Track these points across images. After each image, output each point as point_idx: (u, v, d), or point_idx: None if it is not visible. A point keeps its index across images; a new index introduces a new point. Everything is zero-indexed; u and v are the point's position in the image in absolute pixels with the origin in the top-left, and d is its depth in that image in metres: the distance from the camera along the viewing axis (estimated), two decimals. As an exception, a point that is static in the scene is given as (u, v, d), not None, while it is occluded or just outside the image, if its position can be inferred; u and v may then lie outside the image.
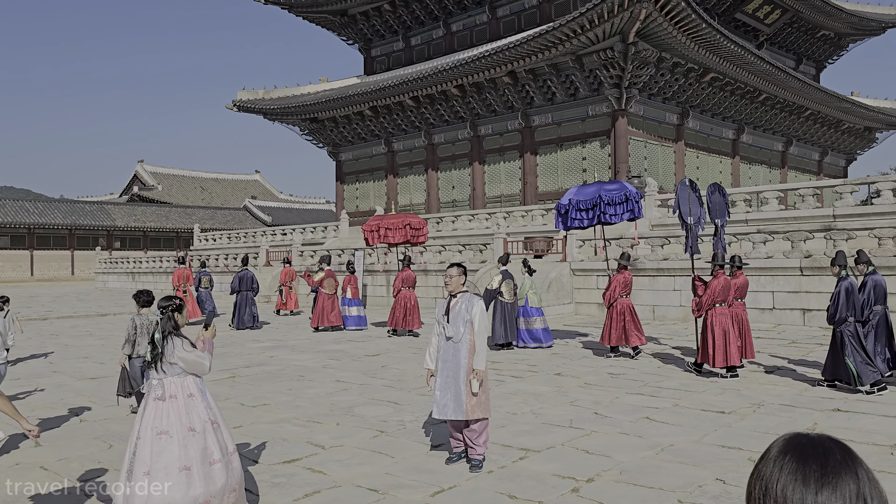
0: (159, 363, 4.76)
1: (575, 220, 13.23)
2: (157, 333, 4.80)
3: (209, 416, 4.84)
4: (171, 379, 4.77)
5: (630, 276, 12.93)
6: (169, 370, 4.76)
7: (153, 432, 4.80)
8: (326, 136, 41.77)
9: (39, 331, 18.18)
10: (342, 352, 12.95)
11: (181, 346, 4.70)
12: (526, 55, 28.96)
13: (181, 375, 4.77)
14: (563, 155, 31.48)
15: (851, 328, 8.60)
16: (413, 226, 18.23)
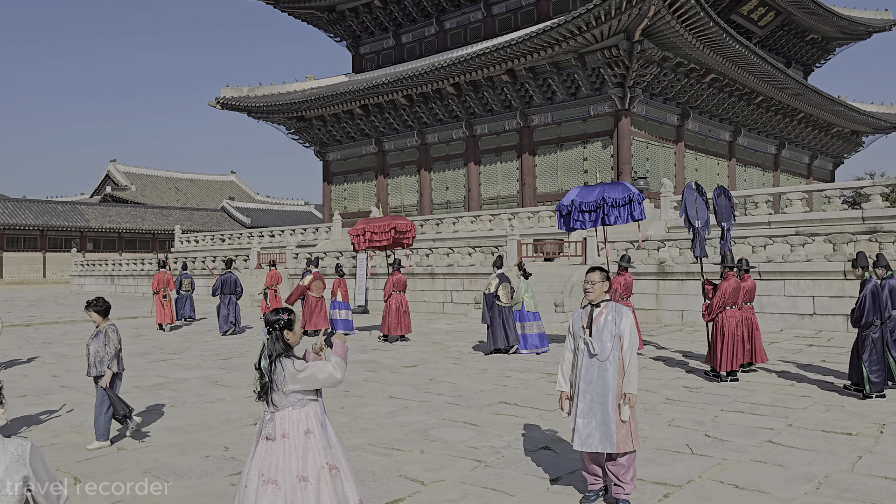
0: (270, 394, 3.82)
1: (577, 221, 12.94)
2: (262, 359, 3.85)
3: (327, 460, 3.91)
4: (285, 413, 3.83)
5: (631, 278, 12.63)
6: (281, 402, 3.82)
7: (259, 479, 3.87)
8: (313, 135, 40.61)
9: (28, 338, 16.88)
10: (373, 362, 11.98)
11: (294, 368, 3.76)
12: (527, 53, 28.21)
13: (297, 407, 3.83)
14: (564, 155, 30.78)
15: (877, 333, 8.60)
16: (399, 229, 17.52)
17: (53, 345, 15.53)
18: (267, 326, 3.87)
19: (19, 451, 2.57)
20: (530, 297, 13.14)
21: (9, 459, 2.54)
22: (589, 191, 13.04)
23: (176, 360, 12.61)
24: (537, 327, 12.95)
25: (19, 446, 2.58)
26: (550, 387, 9.36)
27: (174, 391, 9.57)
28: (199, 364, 12.06)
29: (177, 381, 10.38)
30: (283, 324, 3.87)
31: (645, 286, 17.67)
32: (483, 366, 11.44)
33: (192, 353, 13.60)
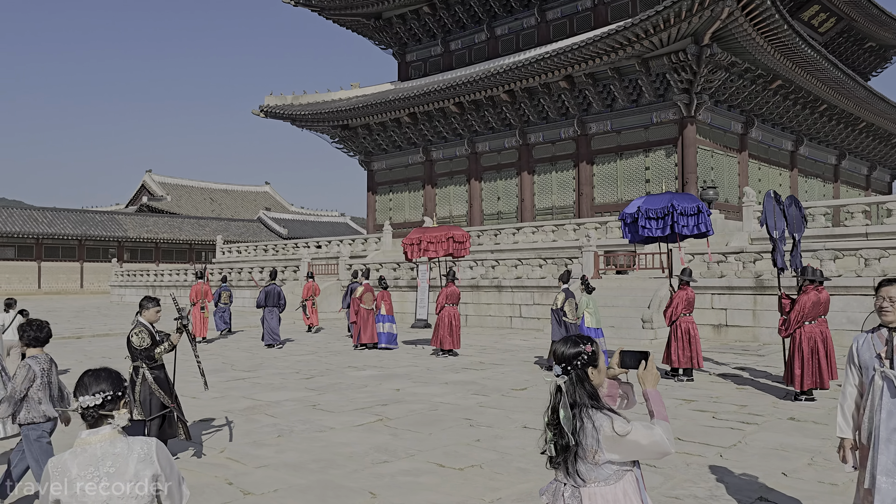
0: (573, 463, 2.70)
1: (645, 228, 12.52)
2: (561, 408, 2.72)
3: None
4: (594, 491, 2.69)
5: (693, 293, 11.92)
6: (590, 474, 2.68)
7: None
8: (358, 144, 39.80)
9: (84, 352, 16.03)
10: (474, 383, 10.86)
11: (613, 429, 2.62)
12: (588, 58, 27.12)
13: (611, 482, 2.69)
14: (624, 164, 29.57)
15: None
16: (456, 239, 16.90)
17: (114, 359, 14.62)
18: (562, 363, 2.75)
19: (146, 449, 2.58)
20: (591, 313, 12.60)
21: (136, 459, 2.55)
22: (656, 198, 12.66)
23: (255, 379, 11.60)
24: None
25: (145, 444, 2.60)
26: (700, 416, 8.19)
27: (272, 416, 8.52)
28: (282, 384, 11.03)
29: (268, 403, 9.35)
30: (586, 358, 2.75)
31: (740, 301, 16.40)
32: (599, 389, 10.27)
33: (269, 371, 12.59)
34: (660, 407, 2.76)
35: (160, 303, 6.71)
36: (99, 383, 2.62)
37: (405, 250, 17.19)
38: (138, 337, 6.43)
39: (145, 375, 6.50)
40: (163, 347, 6.54)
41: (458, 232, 16.88)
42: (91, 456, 2.53)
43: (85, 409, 2.58)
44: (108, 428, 2.59)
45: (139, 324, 6.54)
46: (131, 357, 6.53)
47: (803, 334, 9.40)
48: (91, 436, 2.57)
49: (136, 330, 6.48)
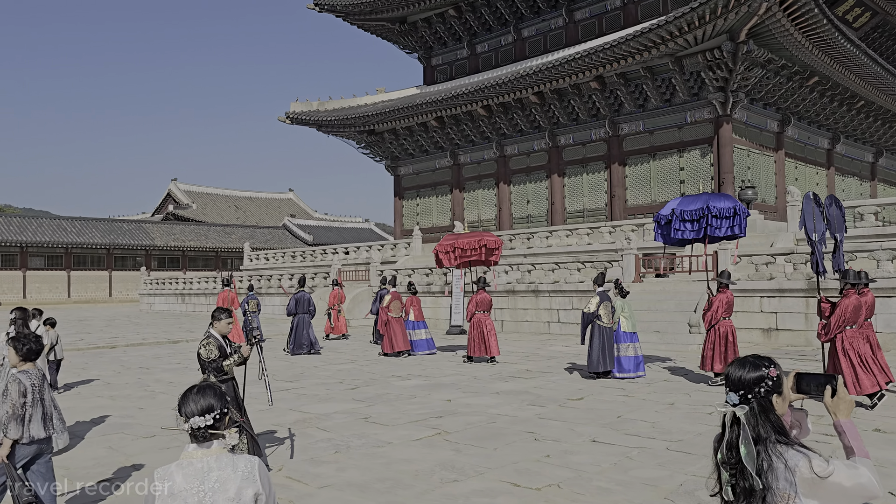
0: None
1: (679, 231, 12.28)
2: (742, 445, 2.28)
3: None
4: None
5: (732, 296, 11.68)
6: None
7: None
8: (385, 149, 39.58)
9: (121, 363, 15.84)
10: (527, 392, 10.45)
11: (812, 469, 2.20)
12: (620, 57, 26.62)
13: None
14: (657, 165, 29.02)
15: None
16: (489, 246, 16.51)
17: (152, 370, 14.41)
18: (740, 390, 2.33)
19: (249, 467, 2.62)
20: (627, 317, 12.37)
21: (240, 477, 2.58)
22: (691, 200, 12.37)
23: (299, 390, 11.29)
24: (633, 349, 12.11)
25: (248, 462, 2.64)
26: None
27: (324, 430, 8.19)
28: (328, 395, 10.71)
29: (318, 416, 9.02)
30: (770, 384, 2.33)
31: (791, 304, 15.83)
32: (663, 397, 9.82)
33: (311, 381, 12.28)
34: (858, 441, 2.34)
35: (232, 314, 6.39)
36: (206, 401, 2.66)
37: (438, 258, 16.94)
38: (206, 349, 6.14)
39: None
40: (232, 360, 6.25)
41: (491, 238, 16.65)
42: (197, 470, 2.57)
43: (196, 430, 2.63)
44: (216, 444, 2.65)
45: (210, 336, 6.25)
46: (200, 369, 6.24)
47: (844, 339, 9.15)
48: (198, 450, 2.62)
49: (205, 341, 6.19)
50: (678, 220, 12.23)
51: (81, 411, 9.85)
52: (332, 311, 21.67)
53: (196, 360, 6.43)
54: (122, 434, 8.32)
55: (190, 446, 2.64)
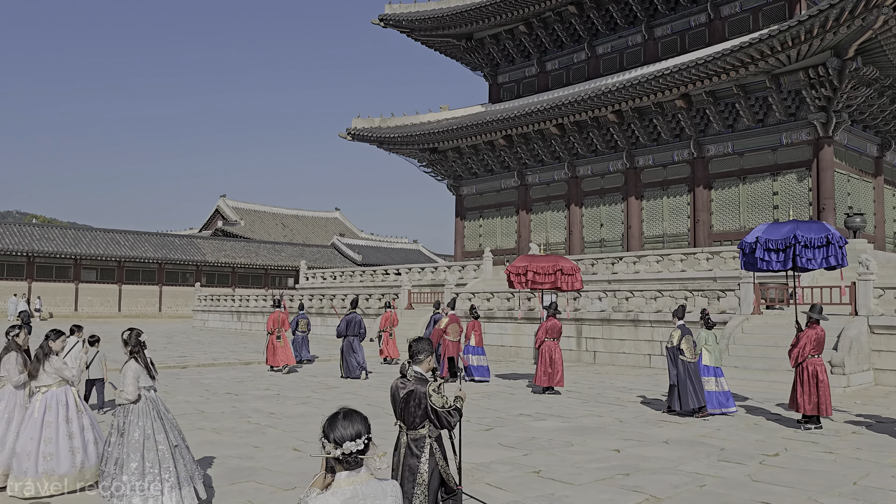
0: None
1: (763, 261, 11.47)
2: None
3: None
4: None
5: (823, 332, 10.77)
6: None
7: None
8: (448, 167, 38.44)
9: (202, 385, 14.65)
10: (703, 444, 8.93)
11: None
12: (712, 75, 25.13)
13: None
14: (747, 189, 27.33)
15: None
16: (565, 271, 15.52)
17: (243, 397, 13.18)
18: None
19: (396, 492, 2.65)
20: (710, 350, 11.81)
21: (390, 502, 2.61)
22: (777, 228, 11.61)
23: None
24: (715, 384, 11.55)
25: (394, 487, 2.67)
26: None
27: (499, 488, 6.80)
28: (467, 438, 9.23)
29: (475, 467, 7.62)
30: None
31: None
32: (875, 455, 8.24)
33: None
34: None
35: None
36: (356, 427, 2.64)
37: (511, 280, 15.98)
38: (441, 395, 4.81)
39: (433, 448, 4.86)
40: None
41: (567, 264, 15.68)
42: (352, 497, 2.56)
43: (349, 455, 2.61)
44: (365, 470, 2.65)
45: (432, 378, 4.93)
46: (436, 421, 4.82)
47: None
48: (349, 477, 2.62)
49: (435, 387, 4.85)
50: (762, 248, 11.40)
51: (190, 447, 8.58)
52: (383, 333, 21.03)
53: (277, 384, 5.06)
54: (254, 483, 7.02)
55: (341, 474, 2.62)
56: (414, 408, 4.79)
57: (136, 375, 6.11)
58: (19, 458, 6.55)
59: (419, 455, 4.79)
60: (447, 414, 4.76)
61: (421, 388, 4.79)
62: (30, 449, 6.56)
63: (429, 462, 4.80)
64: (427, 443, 4.83)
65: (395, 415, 4.94)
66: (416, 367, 4.94)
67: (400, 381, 4.92)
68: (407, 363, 4.96)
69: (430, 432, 4.84)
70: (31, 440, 6.60)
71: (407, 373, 4.90)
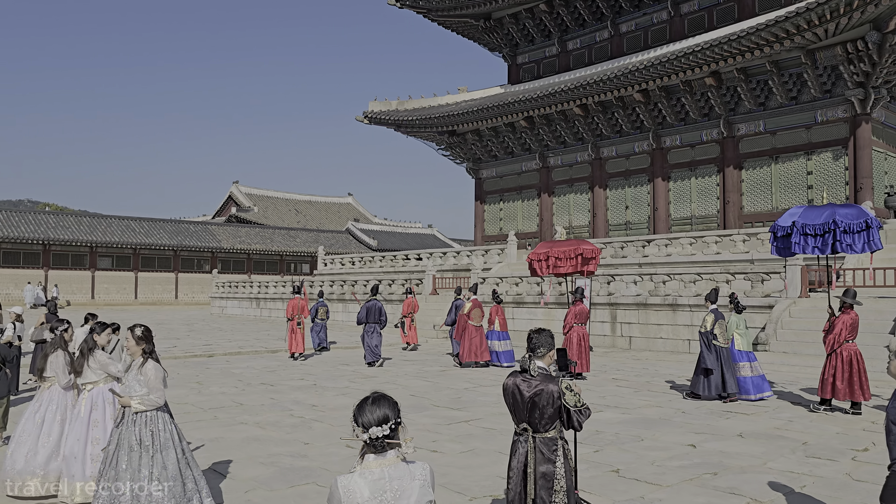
0: None
1: (799, 245, 11.18)
2: None
3: None
4: None
5: (857, 316, 10.63)
6: None
7: None
8: (467, 150, 37.80)
9: (234, 375, 14.20)
10: (779, 437, 8.39)
11: None
12: (744, 51, 24.29)
13: None
14: (780, 169, 26.60)
15: None
16: (585, 255, 15.21)
17: (279, 388, 12.72)
18: None
19: (423, 474, 2.70)
20: (741, 335, 11.65)
21: (418, 485, 2.65)
22: (815, 212, 11.28)
23: (477, 421, 9.43)
24: (749, 369, 11.35)
25: (423, 469, 2.71)
26: None
27: (585, 491, 6.27)
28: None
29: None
30: None
31: None
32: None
33: (482, 410, 10.41)
34: None
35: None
36: (382, 412, 2.69)
37: (533, 266, 15.74)
38: (574, 394, 4.30)
39: (566, 450, 4.39)
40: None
41: (588, 247, 15.29)
42: (378, 479, 2.61)
43: (375, 439, 2.66)
44: (392, 454, 2.68)
45: (559, 375, 4.43)
46: (567, 421, 4.33)
47: None
48: (376, 460, 2.67)
49: (569, 384, 4.34)
50: (799, 233, 11.14)
51: (234, 444, 8.14)
52: (405, 319, 20.76)
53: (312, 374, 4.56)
54: (315, 486, 6.54)
55: (369, 456, 2.67)
56: (544, 408, 4.28)
57: (163, 377, 5.50)
58: (67, 462, 6.08)
59: (553, 460, 4.30)
60: (578, 414, 4.26)
61: (551, 385, 4.29)
62: (76, 451, 6.09)
63: (564, 466, 4.31)
64: (559, 445, 4.34)
65: (516, 416, 4.44)
66: (539, 362, 4.41)
67: (521, 378, 4.40)
68: (527, 357, 4.44)
69: (560, 433, 4.35)
70: (77, 441, 6.13)
71: (529, 368, 4.38)
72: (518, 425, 4.44)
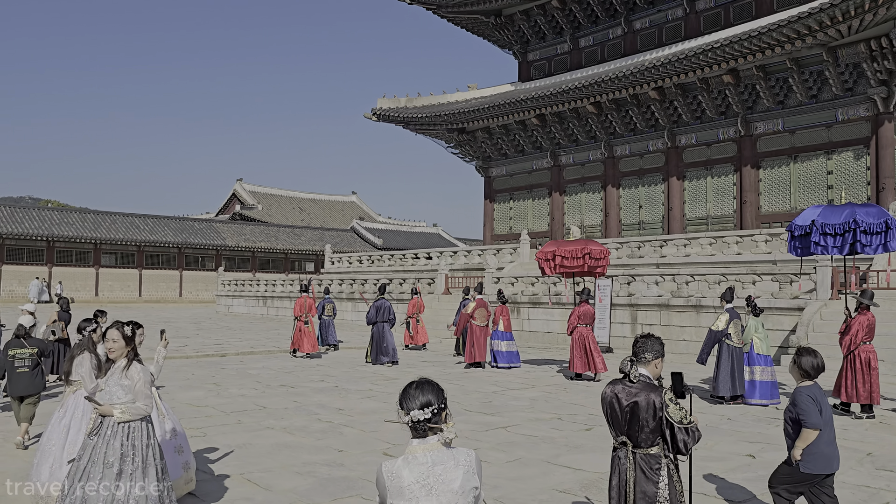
0: None
1: (819, 245, 11.10)
2: None
3: None
4: None
5: (873, 317, 10.37)
6: None
7: None
8: (476, 148, 37.38)
9: (250, 376, 13.78)
10: (855, 449, 7.95)
11: None
12: (765, 48, 23.90)
13: None
14: (798, 168, 26.18)
15: None
16: (593, 255, 14.93)
17: (300, 390, 12.30)
18: None
19: (468, 460, 2.67)
20: (761, 338, 11.42)
21: (462, 471, 2.62)
22: (834, 211, 11.17)
23: (515, 428, 9.01)
24: (769, 374, 11.17)
25: (468, 455, 2.69)
26: None
27: None
28: (579, 442, 8.39)
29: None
30: None
31: None
32: None
33: (518, 415, 10.00)
34: None
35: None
36: (426, 396, 2.70)
37: (540, 265, 15.52)
38: (678, 408, 3.89)
39: (670, 470, 3.97)
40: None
41: (596, 247, 15.03)
42: (421, 464, 2.62)
43: (417, 423, 2.68)
44: (435, 439, 2.67)
45: (659, 385, 4.01)
46: (671, 439, 3.92)
47: None
48: (420, 445, 2.67)
49: (670, 396, 3.93)
50: (818, 233, 11.03)
51: (264, 451, 7.72)
52: (410, 320, 20.67)
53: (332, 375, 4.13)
54: (360, 498, 6.12)
55: (413, 441, 2.69)
56: (644, 420, 3.86)
57: (151, 382, 4.97)
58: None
59: (656, 480, 3.88)
60: (684, 432, 3.83)
61: (652, 395, 3.87)
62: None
63: (668, 488, 3.88)
64: (663, 464, 3.92)
65: (614, 428, 4.02)
66: (643, 370, 4.00)
67: (621, 385, 3.98)
68: (629, 362, 4.02)
69: (665, 451, 3.92)
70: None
71: (631, 374, 3.96)
72: (616, 438, 4.03)
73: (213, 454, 7.57)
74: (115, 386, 4.76)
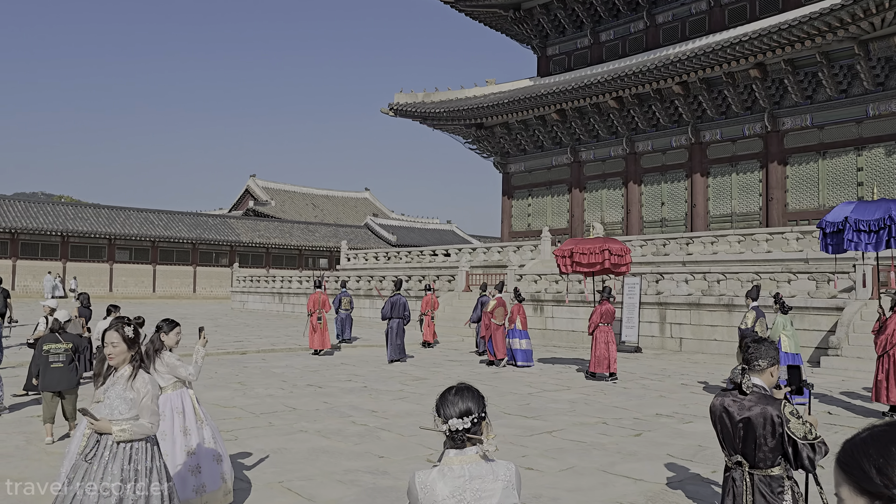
0: None
1: (852, 242, 10.74)
2: None
3: None
4: None
5: None
6: None
7: None
8: (495, 144, 36.93)
9: (276, 375, 13.43)
10: None
11: None
12: (795, 41, 23.34)
13: None
14: (827, 165, 25.60)
15: None
16: (613, 251, 14.61)
17: (329, 390, 11.93)
18: None
19: (508, 475, 2.51)
20: (789, 336, 11.26)
21: (501, 486, 2.47)
22: (869, 207, 10.84)
23: (562, 433, 8.60)
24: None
25: (507, 469, 2.52)
26: None
27: None
28: (634, 450, 7.98)
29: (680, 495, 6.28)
30: None
31: None
32: None
33: (563, 419, 9.59)
34: None
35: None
36: (465, 404, 2.52)
37: (558, 263, 15.25)
38: (802, 423, 3.47)
39: (795, 494, 3.55)
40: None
41: (616, 245, 14.72)
42: (457, 477, 2.47)
43: (454, 432, 2.51)
44: (474, 450, 2.52)
45: (772, 397, 3.60)
46: (776, 451, 3.52)
47: None
48: (458, 456, 2.51)
49: (792, 409, 3.52)
50: (852, 230, 10.69)
51: (301, 457, 7.35)
52: (424, 316, 20.45)
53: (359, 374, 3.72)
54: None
55: (450, 451, 2.53)
56: (762, 438, 3.44)
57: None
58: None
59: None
60: (809, 448, 3.40)
61: (769, 408, 3.45)
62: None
63: None
64: (787, 486, 3.50)
65: (726, 446, 3.60)
66: (756, 379, 3.58)
67: (731, 397, 3.57)
68: (740, 371, 3.60)
69: (788, 471, 3.50)
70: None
71: (743, 384, 3.54)
72: (729, 458, 3.62)
73: (247, 460, 7.21)
74: (117, 398, 4.12)
